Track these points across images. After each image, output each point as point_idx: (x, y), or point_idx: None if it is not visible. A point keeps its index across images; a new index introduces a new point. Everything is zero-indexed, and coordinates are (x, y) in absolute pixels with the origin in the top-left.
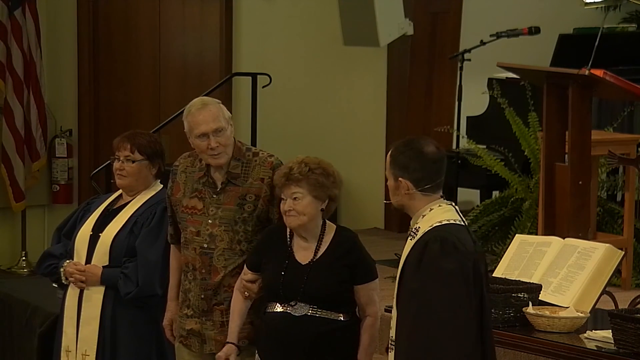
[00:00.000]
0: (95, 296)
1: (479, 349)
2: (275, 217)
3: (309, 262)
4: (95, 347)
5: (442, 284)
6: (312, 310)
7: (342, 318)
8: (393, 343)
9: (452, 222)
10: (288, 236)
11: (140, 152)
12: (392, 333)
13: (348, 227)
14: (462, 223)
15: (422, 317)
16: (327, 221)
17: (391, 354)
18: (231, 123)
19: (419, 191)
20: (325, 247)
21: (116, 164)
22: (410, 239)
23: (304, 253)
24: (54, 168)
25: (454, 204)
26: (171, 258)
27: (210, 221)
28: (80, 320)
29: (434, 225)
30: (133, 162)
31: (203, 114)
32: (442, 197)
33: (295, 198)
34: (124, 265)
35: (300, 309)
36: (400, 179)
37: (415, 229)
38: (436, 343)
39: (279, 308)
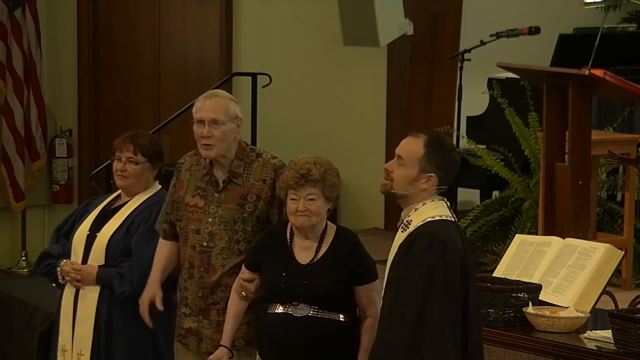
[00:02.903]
0: (90, 295)
1: (456, 342)
2: (275, 219)
3: (309, 262)
4: (90, 346)
5: (418, 278)
6: (313, 311)
7: (342, 319)
8: None
9: (443, 218)
10: (288, 236)
11: (143, 154)
12: None
13: (348, 228)
14: (452, 219)
15: (394, 307)
16: (328, 222)
17: None
18: (238, 124)
19: (434, 190)
20: (326, 248)
21: (117, 165)
22: (402, 231)
23: (304, 253)
24: (54, 168)
25: (445, 198)
26: (158, 250)
27: (210, 219)
28: (76, 320)
29: (427, 220)
30: (136, 164)
31: (207, 102)
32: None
33: (310, 199)
34: (119, 265)
35: (302, 310)
36: (432, 175)
37: (407, 221)
38: (404, 333)
39: (280, 309)
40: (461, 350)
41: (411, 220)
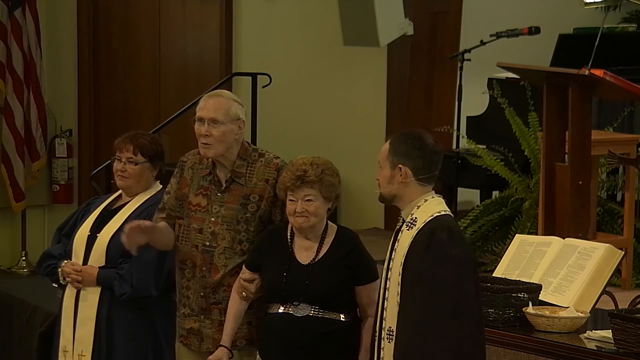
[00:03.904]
0: (91, 297)
1: (481, 330)
2: (278, 219)
3: (310, 262)
4: (91, 347)
5: (450, 268)
6: (314, 311)
7: (343, 318)
8: (391, 333)
9: (447, 213)
10: (289, 236)
11: (143, 154)
12: (387, 323)
13: (349, 228)
14: (452, 216)
15: (433, 299)
16: (328, 221)
17: (390, 345)
18: (240, 125)
19: (416, 180)
20: (327, 248)
21: (117, 165)
22: (408, 229)
23: (305, 253)
24: (54, 168)
25: (441, 196)
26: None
27: (213, 219)
28: (77, 321)
29: (435, 215)
30: (135, 164)
31: (209, 101)
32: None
33: (308, 200)
34: (119, 266)
35: (303, 310)
36: (400, 166)
37: (411, 219)
38: (445, 323)
39: (280, 309)
40: None
41: (416, 218)
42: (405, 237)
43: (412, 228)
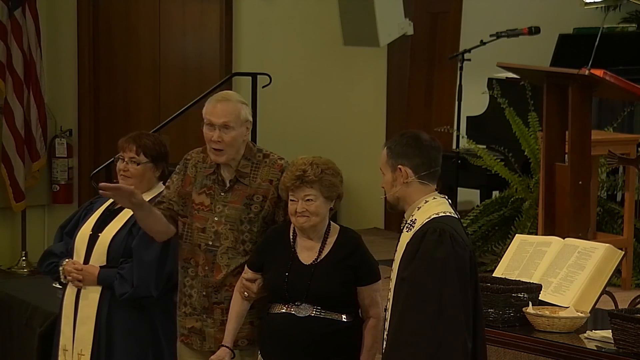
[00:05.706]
0: (91, 295)
1: (469, 336)
2: (281, 219)
3: (313, 262)
4: (91, 346)
5: (433, 271)
6: (315, 311)
7: (344, 319)
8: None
9: (447, 214)
10: (291, 236)
11: (146, 155)
12: (387, 324)
13: (351, 228)
14: (456, 216)
15: (411, 302)
16: (331, 222)
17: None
18: (248, 126)
19: (417, 179)
20: (330, 248)
21: (120, 165)
22: (407, 231)
23: (307, 253)
24: (54, 168)
25: (447, 197)
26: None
27: (216, 219)
28: (77, 320)
29: (432, 216)
30: (138, 164)
31: (219, 106)
32: (436, 190)
33: (308, 200)
34: (120, 266)
35: (305, 310)
36: (400, 166)
37: (411, 221)
38: (424, 327)
39: (282, 309)
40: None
41: (415, 219)
42: (404, 239)
43: (410, 230)
